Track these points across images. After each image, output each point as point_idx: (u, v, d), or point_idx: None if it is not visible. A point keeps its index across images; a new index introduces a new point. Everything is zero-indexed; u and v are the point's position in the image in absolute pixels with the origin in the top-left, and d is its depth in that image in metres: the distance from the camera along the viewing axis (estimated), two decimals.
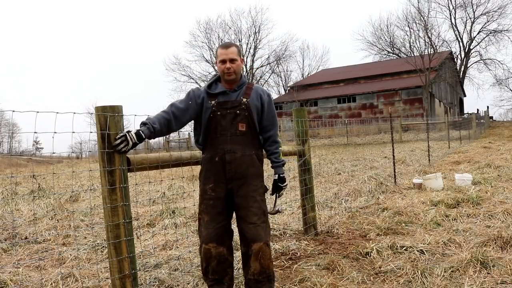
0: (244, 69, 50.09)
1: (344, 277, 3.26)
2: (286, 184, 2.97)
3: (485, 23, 43.55)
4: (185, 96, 2.82)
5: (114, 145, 2.52)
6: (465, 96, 50.04)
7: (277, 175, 2.94)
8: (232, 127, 2.72)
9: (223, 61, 2.71)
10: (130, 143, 2.52)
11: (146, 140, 2.63)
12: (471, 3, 43.17)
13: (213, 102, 2.74)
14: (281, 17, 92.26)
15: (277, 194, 2.99)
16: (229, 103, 2.74)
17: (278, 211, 3.06)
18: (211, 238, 2.75)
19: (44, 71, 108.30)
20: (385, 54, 47.36)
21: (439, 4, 43.82)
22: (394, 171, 8.04)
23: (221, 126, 2.72)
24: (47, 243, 4.81)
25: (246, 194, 2.73)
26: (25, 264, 3.95)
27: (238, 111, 2.72)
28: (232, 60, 2.70)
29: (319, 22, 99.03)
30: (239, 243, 2.89)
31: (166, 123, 2.69)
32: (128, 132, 2.55)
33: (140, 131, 2.57)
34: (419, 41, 36.79)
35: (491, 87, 70.64)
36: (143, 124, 2.62)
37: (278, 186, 2.94)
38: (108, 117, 2.53)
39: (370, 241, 4.10)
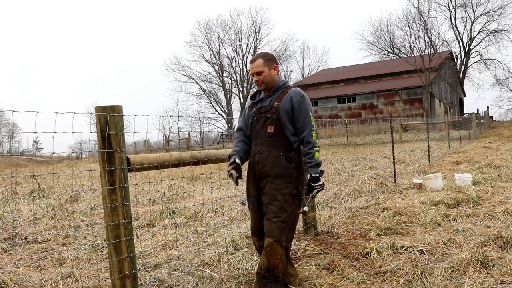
0: (244, 70, 50.14)
1: (344, 277, 3.26)
2: (320, 184, 2.88)
3: (485, 23, 43.60)
4: (241, 115, 3.19)
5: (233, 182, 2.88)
6: (465, 96, 50.05)
7: (309, 175, 2.92)
8: (263, 130, 2.91)
9: (252, 75, 2.97)
10: (235, 174, 2.86)
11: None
12: (471, 3, 43.21)
13: (254, 109, 3.02)
14: (281, 17, 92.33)
15: (311, 195, 2.92)
16: (262, 109, 2.96)
17: (304, 211, 3.04)
18: (253, 232, 3.01)
19: (44, 71, 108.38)
20: (385, 54, 47.38)
21: (439, 4, 43.85)
22: (394, 171, 8.04)
23: (256, 130, 2.97)
24: (47, 243, 4.81)
25: (269, 192, 2.86)
26: (25, 264, 3.95)
27: (268, 115, 2.90)
28: (258, 73, 2.92)
29: (319, 22, 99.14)
30: None
31: (244, 144, 3.04)
32: (228, 171, 2.89)
33: (234, 158, 2.94)
34: (419, 41, 36.83)
35: (491, 87, 70.55)
36: (230, 156, 3.01)
37: (311, 186, 2.91)
38: (108, 117, 2.52)
39: (370, 241, 4.10)
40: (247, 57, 50.27)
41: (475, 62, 45.94)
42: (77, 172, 3.47)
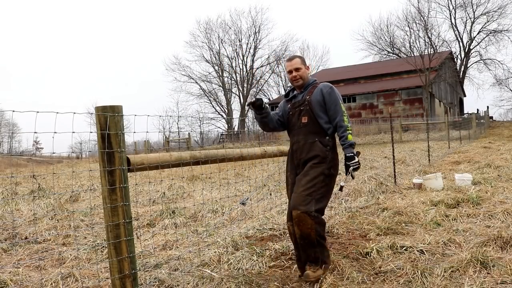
0: (244, 70, 50.14)
1: (344, 277, 3.26)
2: (355, 162, 3.10)
3: (485, 23, 43.58)
4: (278, 107, 3.53)
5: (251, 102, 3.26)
6: (465, 96, 50.04)
7: (344, 156, 3.14)
8: (298, 121, 3.24)
9: (290, 72, 3.30)
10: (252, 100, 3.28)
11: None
12: (471, 3, 43.20)
13: (289, 105, 3.39)
14: (281, 17, 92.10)
15: (349, 172, 3.13)
16: (296, 103, 3.31)
17: (341, 187, 3.23)
18: (289, 217, 3.20)
19: (45, 71, 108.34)
20: (385, 54, 47.36)
21: (439, 4, 43.85)
22: (394, 171, 8.04)
23: (292, 123, 3.31)
24: (47, 243, 4.81)
25: (302, 172, 3.15)
26: (25, 264, 3.95)
27: (302, 108, 3.23)
28: (297, 69, 3.28)
29: (319, 22, 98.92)
30: None
31: (273, 114, 3.38)
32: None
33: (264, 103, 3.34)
34: (419, 41, 36.84)
35: (491, 87, 70.45)
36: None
37: (347, 165, 3.13)
38: (108, 117, 2.52)
39: (370, 241, 4.10)
40: (247, 57, 50.34)
41: (475, 62, 45.96)
42: (77, 172, 3.47)
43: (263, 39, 71.37)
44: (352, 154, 3.09)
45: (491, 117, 40.12)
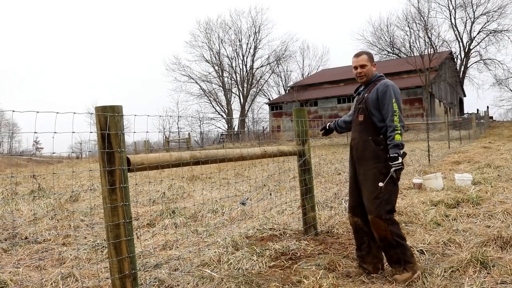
0: (244, 70, 50.13)
1: (344, 277, 3.25)
2: (398, 163, 3.08)
3: (485, 23, 43.63)
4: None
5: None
6: (465, 96, 50.05)
7: (388, 155, 3.14)
8: (356, 119, 3.35)
9: (355, 67, 3.37)
10: (320, 128, 3.81)
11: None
12: (471, 3, 43.24)
13: (355, 100, 3.49)
14: (281, 17, 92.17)
15: (392, 173, 3.09)
16: (358, 100, 3.41)
17: (380, 187, 3.10)
18: (349, 209, 3.43)
19: (44, 70, 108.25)
20: (385, 54, 47.40)
21: (439, 4, 43.89)
22: None
23: (353, 119, 3.45)
24: (47, 243, 4.81)
25: (362, 173, 3.24)
26: (25, 264, 3.95)
27: (360, 105, 3.33)
28: (362, 66, 3.32)
29: (319, 22, 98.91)
30: None
31: (341, 121, 3.74)
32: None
33: (329, 124, 3.76)
34: (419, 41, 36.90)
35: (491, 87, 70.41)
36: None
37: (389, 165, 3.12)
38: (108, 117, 2.52)
39: None
40: (247, 57, 50.36)
41: (475, 62, 45.99)
42: (77, 172, 3.47)
43: (263, 39, 71.39)
44: (396, 155, 3.07)
45: (491, 117, 40.11)
